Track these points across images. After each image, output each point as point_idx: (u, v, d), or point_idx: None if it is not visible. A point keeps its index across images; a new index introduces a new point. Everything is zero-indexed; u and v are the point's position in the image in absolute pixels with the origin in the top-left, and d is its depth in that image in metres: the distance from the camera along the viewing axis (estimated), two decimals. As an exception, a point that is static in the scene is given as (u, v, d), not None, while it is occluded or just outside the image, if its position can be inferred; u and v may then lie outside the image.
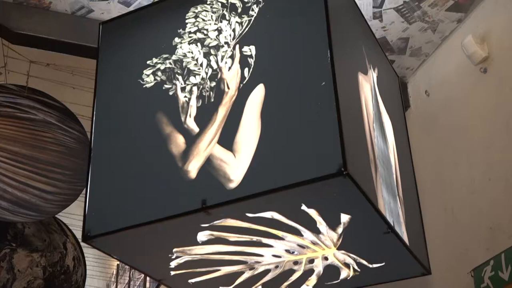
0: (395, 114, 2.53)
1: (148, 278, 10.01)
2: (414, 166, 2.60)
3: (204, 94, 1.96)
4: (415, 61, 3.78)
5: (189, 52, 2.06)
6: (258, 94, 1.85)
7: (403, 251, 2.12)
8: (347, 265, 2.19)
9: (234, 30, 2.01)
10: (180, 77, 2.03)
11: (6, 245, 4.02)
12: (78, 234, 2.17)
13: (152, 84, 2.08)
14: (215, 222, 1.87)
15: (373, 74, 2.29)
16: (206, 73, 1.99)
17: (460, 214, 3.44)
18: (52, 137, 3.40)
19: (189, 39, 2.08)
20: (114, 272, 12.94)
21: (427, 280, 3.38)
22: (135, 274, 10.98)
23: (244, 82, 1.90)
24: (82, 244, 2.87)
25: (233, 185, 1.76)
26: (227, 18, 2.04)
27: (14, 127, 3.25)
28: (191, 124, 1.93)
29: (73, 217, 4.37)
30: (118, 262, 12.32)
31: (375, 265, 2.20)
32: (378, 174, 1.97)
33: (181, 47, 2.09)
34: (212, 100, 1.93)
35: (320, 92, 1.73)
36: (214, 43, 2.03)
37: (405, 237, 2.12)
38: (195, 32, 2.08)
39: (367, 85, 2.16)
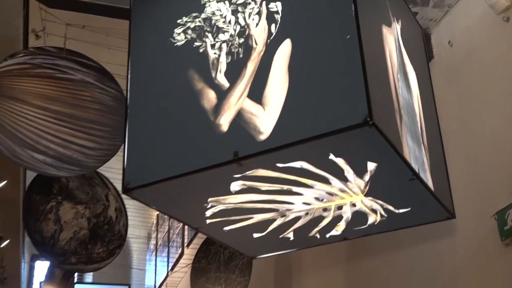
0: (419, 65, 2.49)
1: (186, 227, 10.15)
2: (438, 115, 2.57)
3: (233, 50, 1.95)
4: (438, 12, 3.72)
5: (217, 10, 2.04)
6: (285, 49, 1.84)
7: (428, 197, 2.11)
8: (374, 211, 2.19)
9: (260, -13, 1.98)
10: (209, 35, 2.02)
11: (52, 198, 4.10)
12: (119, 187, 2.19)
13: (183, 42, 2.07)
14: (247, 173, 1.88)
15: (396, 26, 2.25)
16: (235, 30, 1.97)
17: (483, 160, 3.41)
18: (91, 96, 3.42)
19: (217, -3, 2.06)
20: (154, 222, 13.14)
21: (451, 224, 3.38)
22: (174, 223, 11.13)
23: (271, 38, 1.88)
24: (123, 196, 2.91)
25: (263, 137, 1.76)
26: (253, -25, 2.00)
27: (55, 87, 3.27)
28: (222, 80, 1.92)
29: (113, 171, 4.43)
30: (158, 212, 12.50)
31: (401, 211, 2.20)
32: (403, 123, 1.95)
33: (209, 6, 2.07)
34: (241, 56, 1.92)
35: (345, 45, 1.71)
36: (241, 0, 2.00)
37: (430, 183, 2.11)
38: (222, -10, 2.06)
39: (391, 37, 2.12)
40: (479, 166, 3.44)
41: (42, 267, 16.31)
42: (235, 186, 1.97)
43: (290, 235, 2.37)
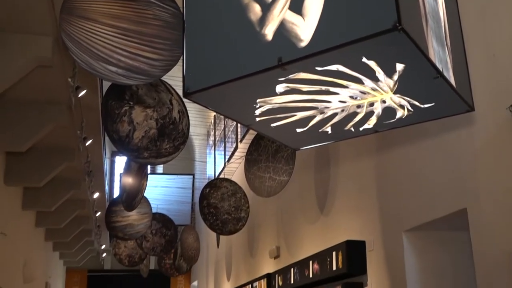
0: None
1: (239, 124, 10.23)
2: (460, 17, 2.46)
3: (274, -34, 1.88)
4: None
5: None
6: (321, -37, 1.76)
7: (450, 92, 2.07)
8: (402, 106, 2.16)
9: None
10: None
11: (125, 103, 4.16)
12: (180, 92, 2.21)
13: (231, -39, 2.00)
14: (290, 76, 1.86)
15: None
16: None
17: (501, 58, 3.29)
18: (153, 14, 3.38)
19: None
20: (212, 121, 13.29)
21: (471, 116, 3.32)
22: (229, 121, 11.23)
23: (308, -47, 1.80)
24: (184, 99, 2.93)
25: (303, 44, 1.73)
26: None
27: (121, 7, 3.24)
28: (265, -6, 1.87)
29: (175, 78, 4.44)
30: (215, 113, 12.61)
31: (426, 105, 2.16)
32: (428, 27, 1.88)
33: None
34: (282, -29, 1.85)
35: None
36: None
37: (452, 81, 2.06)
38: None
39: None
40: (497, 63, 3.33)
41: (120, 161, 16.86)
42: (280, 88, 1.97)
43: (328, 129, 2.37)
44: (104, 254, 15.23)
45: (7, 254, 7.52)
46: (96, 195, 9.01)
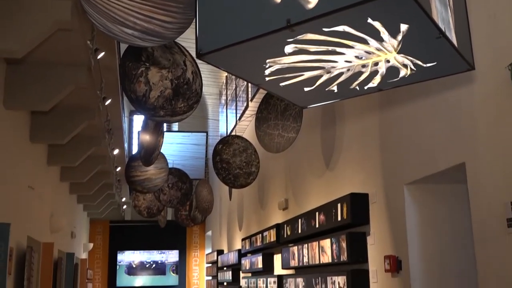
0: None
1: (249, 84, 10.17)
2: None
3: None
4: None
5: None
6: None
7: (452, 52, 2.04)
8: (405, 66, 2.13)
9: None
10: None
11: (142, 64, 4.13)
12: (193, 53, 2.19)
13: None
14: (298, 37, 1.84)
15: None
16: None
17: (502, 18, 3.22)
18: (166, -22, 3.32)
19: None
20: (224, 81, 13.22)
21: (471, 75, 3.27)
22: (240, 81, 11.16)
23: None
24: (197, 60, 2.91)
25: (311, 5, 1.69)
26: None
27: (136, -29, 3.18)
28: (275, -43, 1.82)
29: (188, 40, 4.39)
30: (226, 74, 12.53)
31: (428, 65, 2.13)
32: (432, -12, 1.84)
33: None
34: None
35: None
36: None
37: (454, 40, 2.02)
38: None
39: None
40: (498, 23, 3.26)
41: (138, 120, 16.91)
42: (288, 48, 1.94)
43: (334, 88, 2.35)
44: (125, 206, 15.44)
45: (35, 207, 7.65)
46: (116, 151, 9.07)
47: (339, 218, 5.33)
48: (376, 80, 2.27)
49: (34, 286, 7.29)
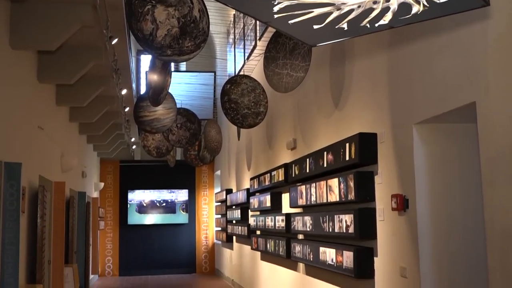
0: None
1: (258, 22, 10.00)
2: None
3: None
4: None
5: None
6: None
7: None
8: (417, 2, 2.07)
9: None
10: None
11: (148, 2, 4.06)
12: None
13: None
14: (307, -28, 1.78)
15: None
16: None
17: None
18: None
19: None
20: (232, 20, 13.00)
21: (485, 11, 3.19)
22: (248, 19, 10.97)
23: None
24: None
25: None
26: None
27: None
28: None
29: (195, -23, 4.29)
30: (234, 11, 12.31)
31: (442, 0, 2.07)
32: None
33: None
34: None
35: None
36: None
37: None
38: None
39: None
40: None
41: (146, 60, 16.79)
42: (297, -16, 1.89)
43: (344, 26, 2.30)
44: (134, 146, 15.57)
45: (46, 147, 7.73)
46: (124, 91, 9.07)
47: (347, 158, 5.36)
48: (387, 17, 2.22)
49: (48, 224, 7.47)
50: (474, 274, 4.25)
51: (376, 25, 2.30)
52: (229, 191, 13.84)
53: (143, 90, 14.98)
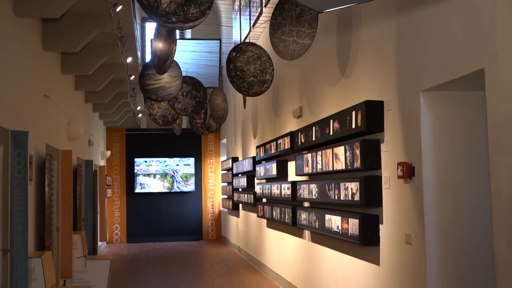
0: None
1: (263, -11, 9.85)
2: None
3: None
4: None
5: None
6: None
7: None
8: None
9: None
10: None
11: (152, -32, 4.00)
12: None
13: None
14: None
15: None
16: None
17: None
18: None
19: None
20: (237, -14, 12.81)
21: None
22: (253, -14, 10.81)
23: None
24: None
25: None
26: None
27: None
28: None
29: None
30: (239, -22, 12.10)
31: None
32: None
33: None
34: None
35: None
36: None
37: None
38: None
39: None
40: None
41: (151, 27, 16.67)
42: None
43: (352, -9, 2.26)
44: (140, 115, 15.59)
45: (52, 116, 7.75)
46: (129, 59, 9.03)
47: (353, 126, 5.35)
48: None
49: (55, 192, 7.55)
50: (480, 241, 4.28)
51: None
52: (235, 159, 13.89)
53: (148, 58, 14.91)
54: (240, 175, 12.76)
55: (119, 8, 6.59)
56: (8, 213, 5.18)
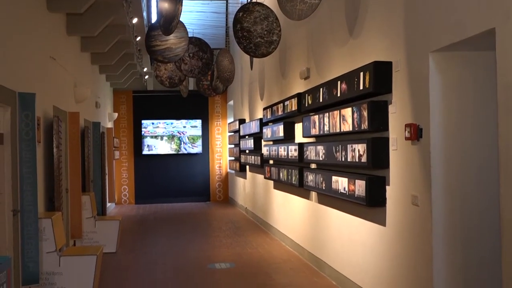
0: None
1: None
2: None
3: None
4: None
5: None
6: None
7: None
8: None
9: None
10: None
11: None
12: None
13: None
14: None
15: None
16: None
17: None
18: None
19: None
20: None
21: None
22: None
23: None
24: None
25: None
26: None
27: None
28: None
29: None
30: None
31: None
32: None
33: None
34: None
35: None
36: None
37: None
38: None
39: None
40: None
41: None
42: None
43: None
44: (147, 77, 15.53)
45: (58, 77, 7.73)
46: (135, 20, 8.94)
47: (361, 87, 5.31)
48: None
49: (64, 153, 7.60)
50: (486, 202, 4.30)
51: None
52: (242, 121, 13.88)
53: (154, 19, 14.75)
54: (247, 137, 12.78)
55: (123, -32, 6.49)
56: (18, 174, 5.23)
